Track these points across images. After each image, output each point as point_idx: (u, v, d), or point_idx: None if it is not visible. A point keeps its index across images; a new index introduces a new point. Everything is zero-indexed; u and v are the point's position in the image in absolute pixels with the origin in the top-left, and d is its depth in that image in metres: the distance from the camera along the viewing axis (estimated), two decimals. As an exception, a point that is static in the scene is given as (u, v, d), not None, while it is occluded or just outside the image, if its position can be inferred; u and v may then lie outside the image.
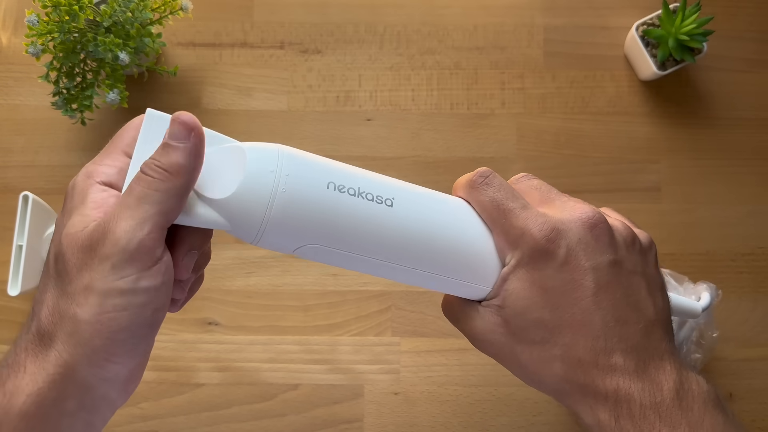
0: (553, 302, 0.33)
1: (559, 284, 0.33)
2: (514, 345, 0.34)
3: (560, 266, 0.33)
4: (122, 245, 0.28)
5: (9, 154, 0.68)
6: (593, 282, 0.32)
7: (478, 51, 0.69)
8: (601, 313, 0.32)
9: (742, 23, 0.70)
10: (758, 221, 0.67)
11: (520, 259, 0.33)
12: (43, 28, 0.57)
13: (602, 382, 0.32)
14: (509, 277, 0.34)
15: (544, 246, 0.33)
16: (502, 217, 0.34)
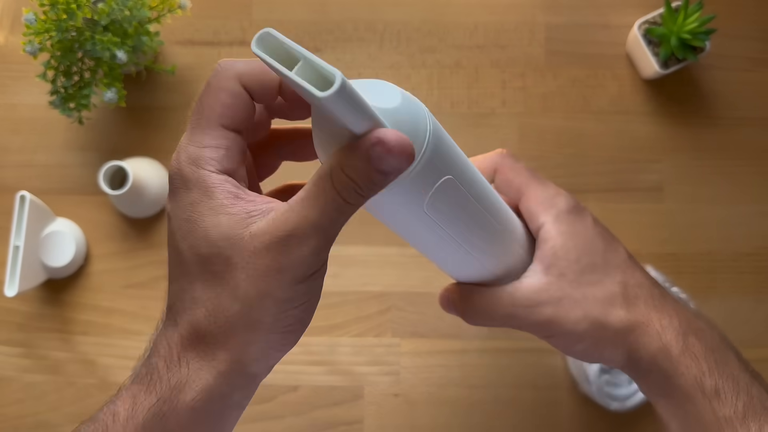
0: (599, 248, 0.37)
1: (598, 235, 0.37)
2: (573, 293, 0.36)
3: (593, 222, 0.38)
4: (307, 263, 0.27)
5: (6, 154, 0.68)
6: (619, 241, 0.39)
7: (479, 49, 0.69)
8: (634, 263, 0.38)
9: (744, 22, 0.69)
10: (761, 221, 0.67)
11: (557, 216, 0.37)
12: (40, 27, 0.57)
13: (663, 310, 0.36)
14: (552, 237, 0.37)
15: (577, 203, 0.38)
16: (537, 183, 0.38)
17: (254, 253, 0.27)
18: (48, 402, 0.65)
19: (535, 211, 0.38)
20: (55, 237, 0.63)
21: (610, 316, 0.36)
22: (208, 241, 0.28)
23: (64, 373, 0.65)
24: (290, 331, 0.28)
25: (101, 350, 0.65)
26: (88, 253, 0.66)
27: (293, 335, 0.29)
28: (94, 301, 0.66)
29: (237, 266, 0.27)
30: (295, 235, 0.27)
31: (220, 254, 0.27)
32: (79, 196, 0.67)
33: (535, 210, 0.38)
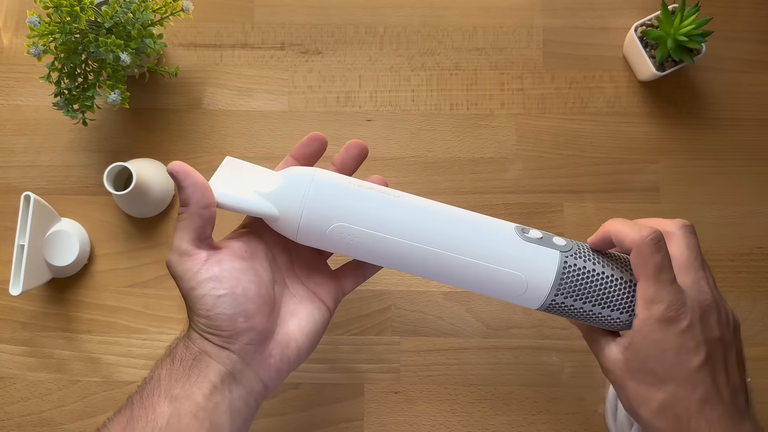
0: (666, 360, 0.41)
1: (675, 347, 0.41)
2: (627, 379, 0.43)
3: (680, 333, 0.41)
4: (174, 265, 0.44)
5: (11, 155, 0.68)
6: (704, 352, 0.41)
7: (478, 52, 0.70)
8: (702, 377, 0.41)
9: (740, 24, 0.70)
10: (757, 221, 0.67)
11: (647, 318, 0.41)
12: (44, 29, 0.57)
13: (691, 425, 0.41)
14: (635, 329, 0.42)
15: (672, 316, 0.41)
16: (656, 281, 0.41)
17: None
18: (52, 400, 0.65)
19: (638, 304, 0.43)
20: (60, 236, 0.63)
21: (640, 417, 0.42)
22: None
23: (68, 371, 0.66)
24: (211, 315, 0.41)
25: (105, 349, 0.66)
26: (92, 252, 0.67)
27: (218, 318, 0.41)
28: (98, 300, 0.66)
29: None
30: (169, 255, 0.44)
31: None
32: (83, 197, 0.68)
33: (637, 303, 0.43)
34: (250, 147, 0.68)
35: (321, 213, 0.42)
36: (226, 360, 0.41)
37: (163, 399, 0.39)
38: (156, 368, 0.42)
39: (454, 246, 0.43)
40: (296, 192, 0.43)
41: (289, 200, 0.43)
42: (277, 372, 0.43)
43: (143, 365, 0.65)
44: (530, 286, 0.43)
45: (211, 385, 0.40)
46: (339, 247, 0.44)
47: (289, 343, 0.43)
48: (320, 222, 0.43)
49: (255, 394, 0.42)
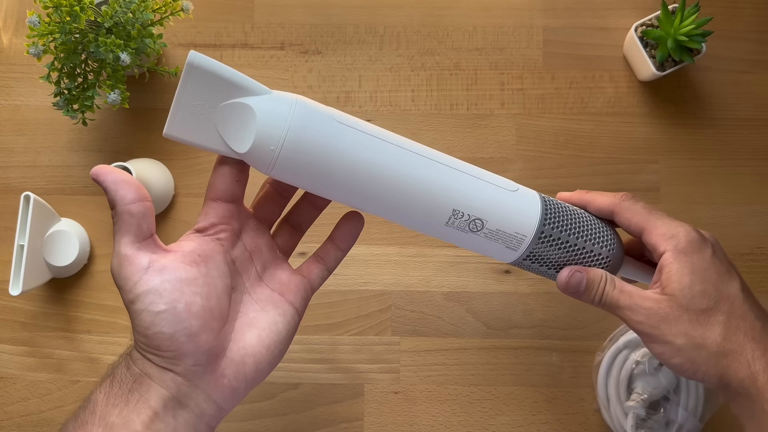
0: (712, 279, 0.41)
1: (713, 267, 0.42)
2: (681, 313, 0.41)
3: (712, 255, 0.42)
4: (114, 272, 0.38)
5: (10, 155, 0.68)
6: (736, 273, 0.43)
7: (478, 52, 0.70)
8: (745, 295, 0.42)
9: (740, 24, 0.70)
10: (757, 221, 0.67)
11: (676, 246, 0.42)
12: (44, 29, 0.57)
13: (761, 341, 0.40)
14: (669, 263, 0.42)
15: (698, 237, 0.43)
16: (657, 218, 0.43)
17: None
18: (52, 400, 0.65)
19: (657, 243, 0.43)
20: (59, 236, 0.63)
21: (707, 339, 0.41)
22: None
23: (68, 371, 0.66)
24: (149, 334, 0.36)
25: (105, 349, 0.66)
26: (92, 252, 0.67)
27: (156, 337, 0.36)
28: (98, 300, 0.66)
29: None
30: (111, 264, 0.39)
31: None
32: (82, 197, 0.68)
33: (656, 242, 0.43)
34: (249, 147, 0.68)
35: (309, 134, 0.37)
36: (169, 383, 0.36)
37: (96, 427, 0.35)
38: (95, 390, 0.37)
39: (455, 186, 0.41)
40: (278, 115, 0.37)
41: (269, 125, 0.37)
42: (233, 392, 0.38)
43: (143, 365, 0.66)
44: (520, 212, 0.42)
45: (151, 411, 0.36)
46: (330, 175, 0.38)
47: (245, 359, 0.39)
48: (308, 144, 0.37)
49: (207, 418, 0.38)
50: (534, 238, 0.42)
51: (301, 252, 0.66)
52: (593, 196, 0.46)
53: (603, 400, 0.62)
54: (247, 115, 0.37)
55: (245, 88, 0.37)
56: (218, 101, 0.37)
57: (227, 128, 0.37)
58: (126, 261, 0.36)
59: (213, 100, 0.37)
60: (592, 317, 0.66)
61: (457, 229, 0.41)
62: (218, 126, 0.37)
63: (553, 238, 0.43)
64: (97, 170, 0.37)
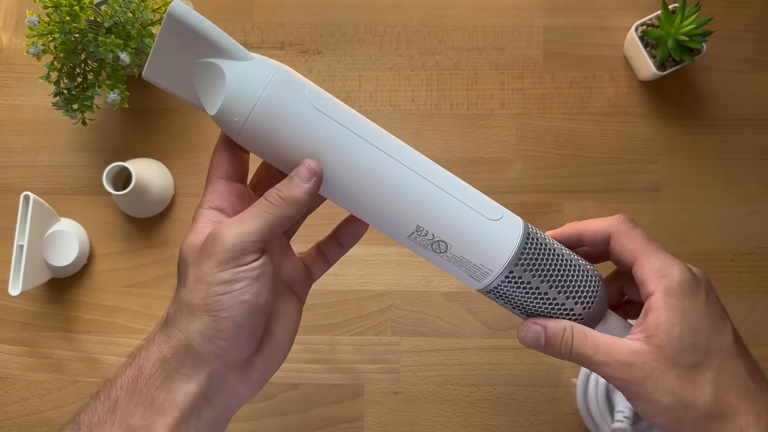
0: (704, 330, 0.37)
1: (706, 316, 0.37)
2: (668, 369, 0.36)
3: (705, 301, 0.37)
4: (228, 246, 0.34)
5: (10, 155, 0.68)
6: (729, 322, 0.38)
7: (478, 51, 0.70)
8: (738, 349, 0.38)
9: (741, 24, 0.70)
10: (757, 221, 0.67)
11: (668, 288, 0.37)
12: (43, 29, 0.57)
13: (754, 403, 0.36)
14: (659, 308, 0.37)
15: (692, 278, 0.37)
16: (653, 250, 0.38)
17: (197, 250, 0.36)
18: (51, 400, 0.65)
19: (647, 279, 0.38)
20: (59, 236, 0.63)
21: (697, 400, 0.36)
22: (181, 253, 0.37)
23: (67, 371, 0.66)
24: (219, 317, 0.34)
25: (105, 349, 0.66)
26: (92, 252, 0.67)
27: (224, 322, 0.34)
28: (98, 300, 0.66)
29: (189, 263, 0.36)
30: (222, 228, 0.35)
31: (184, 259, 0.36)
32: (82, 197, 0.68)
33: (646, 278, 0.38)
34: (249, 147, 0.68)
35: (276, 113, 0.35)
36: (203, 378, 0.35)
37: (116, 429, 0.34)
38: (115, 384, 0.36)
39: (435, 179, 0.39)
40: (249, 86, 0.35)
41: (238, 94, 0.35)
42: (258, 385, 0.38)
43: (143, 365, 0.65)
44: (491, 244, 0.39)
45: (178, 413, 0.35)
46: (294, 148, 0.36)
47: (274, 353, 0.39)
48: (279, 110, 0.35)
49: (228, 412, 0.38)
50: (500, 276, 0.39)
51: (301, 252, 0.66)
52: (586, 224, 0.42)
53: (591, 426, 0.62)
54: (219, 78, 0.35)
55: (225, 49, 0.35)
56: (196, 56, 0.36)
57: (202, 85, 0.36)
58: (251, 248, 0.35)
59: (191, 54, 0.36)
60: (593, 317, 0.66)
61: (419, 245, 0.39)
62: (195, 80, 0.36)
63: (522, 281, 0.39)
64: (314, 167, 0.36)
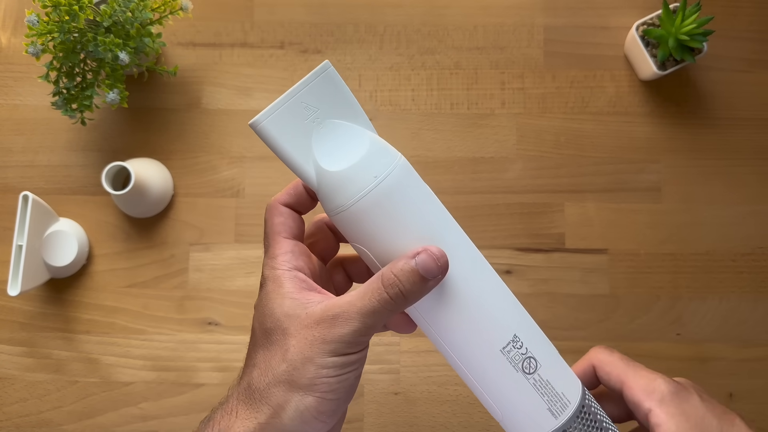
0: (714, 426, 0.37)
1: (710, 412, 0.37)
2: None
3: (700, 400, 0.38)
4: (346, 340, 0.33)
5: (9, 154, 0.68)
6: (735, 414, 0.38)
7: (478, 51, 0.69)
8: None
9: (742, 23, 0.70)
10: (758, 221, 0.67)
11: (662, 399, 0.38)
12: (43, 28, 0.57)
13: None
14: (663, 423, 0.37)
15: (677, 385, 0.38)
16: (635, 370, 0.39)
17: (307, 326, 0.33)
18: (51, 401, 0.65)
19: (639, 399, 0.38)
20: (58, 237, 0.63)
21: None
22: (273, 318, 0.34)
23: (66, 372, 0.65)
24: (324, 398, 0.33)
25: (104, 349, 0.66)
26: (91, 252, 0.67)
27: (327, 404, 0.33)
28: (97, 301, 0.66)
29: (291, 335, 0.33)
30: (341, 316, 0.33)
31: (280, 326, 0.34)
32: (81, 197, 0.67)
33: (638, 398, 0.39)
34: (248, 147, 0.68)
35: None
36: None
37: None
38: None
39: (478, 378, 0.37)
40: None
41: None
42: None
43: (141, 366, 0.65)
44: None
45: None
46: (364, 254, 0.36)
47: (339, 423, 0.38)
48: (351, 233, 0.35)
49: None
50: (577, 409, 0.37)
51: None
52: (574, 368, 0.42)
53: None
54: (355, 140, 0.34)
55: (359, 116, 0.35)
56: (329, 116, 0.34)
57: (323, 143, 0.34)
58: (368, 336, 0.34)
59: (324, 112, 0.34)
60: (594, 318, 0.66)
61: (509, 361, 0.36)
62: (314, 138, 0.34)
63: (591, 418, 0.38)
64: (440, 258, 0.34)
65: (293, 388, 0.33)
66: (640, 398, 0.38)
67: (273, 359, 0.34)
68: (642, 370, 0.40)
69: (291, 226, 0.37)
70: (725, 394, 0.65)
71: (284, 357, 0.33)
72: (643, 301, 0.66)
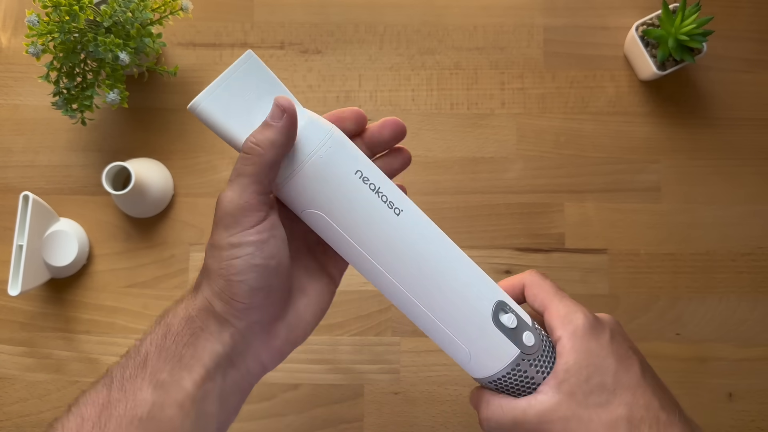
0: (611, 368, 0.38)
1: (612, 354, 0.39)
2: (581, 414, 0.38)
3: (609, 341, 0.39)
4: (227, 210, 0.36)
5: (9, 154, 0.68)
6: (636, 358, 0.39)
7: (478, 51, 0.69)
8: (648, 381, 0.39)
9: (741, 23, 0.70)
10: (758, 221, 0.67)
11: (573, 332, 0.39)
12: (43, 29, 0.57)
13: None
14: (566, 352, 0.39)
15: (594, 321, 0.39)
16: (560, 299, 0.41)
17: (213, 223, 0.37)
18: (51, 401, 0.65)
19: (554, 326, 0.40)
20: (58, 237, 0.63)
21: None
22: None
23: (66, 372, 0.65)
24: (234, 281, 0.36)
25: (104, 349, 0.66)
26: (91, 252, 0.67)
27: (239, 285, 0.36)
28: (97, 301, 0.66)
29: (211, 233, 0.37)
30: (220, 194, 0.36)
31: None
32: (81, 197, 0.67)
33: (554, 324, 0.40)
34: (249, 147, 0.68)
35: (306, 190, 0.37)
36: (226, 339, 0.37)
37: (147, 384, 0.35)
38: (145, 341, 0.38)
39: (421, 296, 0.39)
40: (308, 142, 0.36)
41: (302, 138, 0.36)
42: (280, 354, 0.40)
43: (142, 366, 0.65)
44: (472, 363, 0.40)
45: (204, 370, 0.36)
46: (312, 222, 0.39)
47: (298, 324, 0.40)
48: (301, 198, 0.37)
49: (251, 378, 0.39)
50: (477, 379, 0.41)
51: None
52: (505, 282, 0.44)
53: None
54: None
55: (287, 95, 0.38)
56: (259, 96, 0.38)
57: (259, 120, 0.37)
58: (247, 207, 0.36)
59: (254, 93, 0.38)
60: (593, 317, 0.66)
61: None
62: (251, 116, 0.38)
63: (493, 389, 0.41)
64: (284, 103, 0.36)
65: (209, 274, 0.37)
66: (555, 325, 0.40)
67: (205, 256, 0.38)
68: (567, 300, 0.41)
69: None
70: (725, 393, 0.65)
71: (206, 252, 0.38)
72: (642, 301, 0.66)
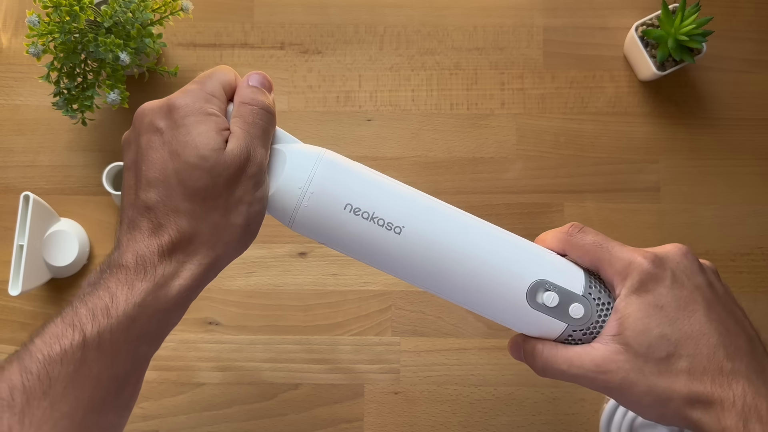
0: (670, 317, 0.36)
1: (673, 301, 0.37)
2: (641, 366, 0.36)
3: (670, 286, 0.37)
4: (264, 167, 0.38)
5: (10, 155, 0.68)
6: (702, 298, 0.37)
7: (478, 51, 0.69)
8: (714, 325, 0.36)
9: (741, 24, 0.70)
10: (757, 221, 0.67)
11: (631, 286, 0.37)
12: (43, 29, 0.57)
13: (729, 387, 0.35)
14: (623, 304, 0.37)
15: (652, 270, 0.37)
16: (608, 253, 0.39)
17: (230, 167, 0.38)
18: (51, 400, 0.65)
19: (613, 283, 0.39)
20: (59, 237, 0.63)
21: (673, 393, 0.36)
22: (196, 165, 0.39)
23: (67, 371, 0.65)
24: (254, 233, 0.38)
25: (104, 349, 0.66)
26: (92, 252, 0.67)
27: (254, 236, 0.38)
28: (97, 301, 0.66)
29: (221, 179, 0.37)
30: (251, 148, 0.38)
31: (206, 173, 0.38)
32: (82, 197, 0.68)
33: (612, 281, 0.39)
34: (249, 147, 0.68)
35: (309, 231, 0.39)
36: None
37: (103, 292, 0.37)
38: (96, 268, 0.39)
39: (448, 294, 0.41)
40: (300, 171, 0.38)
41: (290, 179, 0.38)
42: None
43: (143, 365, 0.65)
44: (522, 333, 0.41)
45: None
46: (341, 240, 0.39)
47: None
48: (310, 235, 0.39)
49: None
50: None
51: (301, 252, 0.66)
52: (543, 237, 0.43)
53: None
54: (276, 158, 0.40)
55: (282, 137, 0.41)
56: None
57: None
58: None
59: None
60: (593, 317, 0.66)
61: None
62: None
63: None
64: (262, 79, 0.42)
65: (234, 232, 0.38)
66: (614, 280, 0.39)
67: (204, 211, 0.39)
68: (617, 250, 0.39)
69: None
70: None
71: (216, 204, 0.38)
72: (642, 300, 0.66)
